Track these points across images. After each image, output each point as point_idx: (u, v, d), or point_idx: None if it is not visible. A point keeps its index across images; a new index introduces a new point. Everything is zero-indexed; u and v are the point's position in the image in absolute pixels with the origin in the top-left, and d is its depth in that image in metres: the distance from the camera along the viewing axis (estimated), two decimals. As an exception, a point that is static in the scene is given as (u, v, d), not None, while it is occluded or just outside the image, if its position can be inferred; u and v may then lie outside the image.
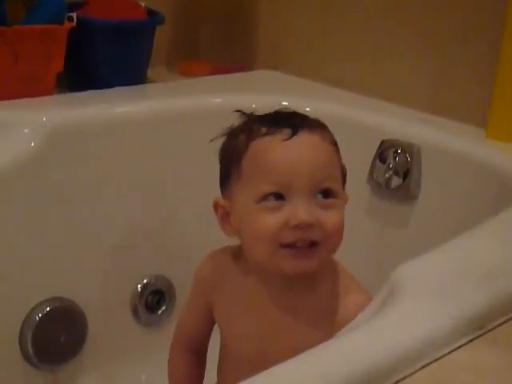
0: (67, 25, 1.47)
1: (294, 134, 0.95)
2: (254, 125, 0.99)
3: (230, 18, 1.84)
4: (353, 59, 1.66)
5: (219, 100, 1.54)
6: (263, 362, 0.71)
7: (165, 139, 1.47)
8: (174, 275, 1.53)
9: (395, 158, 1.38)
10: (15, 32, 1.41)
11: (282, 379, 0.68)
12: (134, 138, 1.44)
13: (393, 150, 1.39)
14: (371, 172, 1.41)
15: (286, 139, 0.95)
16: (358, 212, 1.42)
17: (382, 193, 1.41)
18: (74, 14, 1.48)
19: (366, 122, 1.47)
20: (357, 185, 1.41)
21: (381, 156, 1.40)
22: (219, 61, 1.83)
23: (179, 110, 1.50)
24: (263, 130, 0.97)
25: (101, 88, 1.50)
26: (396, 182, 1.39)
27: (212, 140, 1.02)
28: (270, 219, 0.94)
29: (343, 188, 1.00)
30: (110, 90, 1.51)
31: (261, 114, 1.02)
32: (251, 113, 1.03)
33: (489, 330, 0.79)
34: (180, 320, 1.17)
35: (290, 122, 0.97)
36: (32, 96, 1.43)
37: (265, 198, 0.94)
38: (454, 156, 1.34)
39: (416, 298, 0.81)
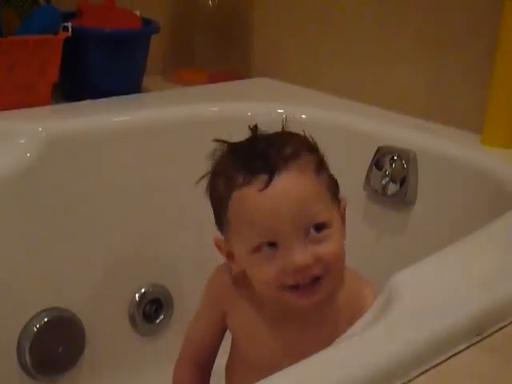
0: (62, 35, 1.47)
1: (269, 181, 0.93)
2: (230, 169, 0.97)
3: (224, 26, 1.84)
4: (348, 66, 1.66)
5: (215, 108, 1.54)
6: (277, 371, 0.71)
7: (161, 148, 1.47)
8: (172, 284, 1.53)
9: (391, 164, 1.38)
10: (10, 42, 1.41)
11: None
12: (131, 148, 1.44)
13: (389, 156, 1.38)
14: (367, 179, 1.41)
15: (263, 189, 0.93)
16: (355, 219, 1.41)
17: (379, 199, 1.41)
18: (69, 24, 1.48)
19: (361, 129, 1.47)
20: (353, 192, 1.42)
21: (377, 163, 1.40)
22: (215, 69, 1.83)
23: (176, 119, 1.50)
24: (239, 178, 0.95)
25: (96, 97, 1.50)
26: (392, 188, 1.38)
27: (198, 181, 1.02)
28: (268, 269, 0.94)
29: (337, 197, 1.00)
30: (106, 99, 1.51)
31: (235, 145, 1.00)
32: (228, 143, 1.01)
33: (487, 336, 0.79)
34: (189, 333, 1.16)
35: (265, 163, 0.94)
36: (28, 106, 1.43)
37: (258, 249, 0.95)
38: (450, 162, 1.34)
39: (413, 305, 0.81)
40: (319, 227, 0.95)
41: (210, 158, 1.02)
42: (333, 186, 1.00)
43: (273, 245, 0.94)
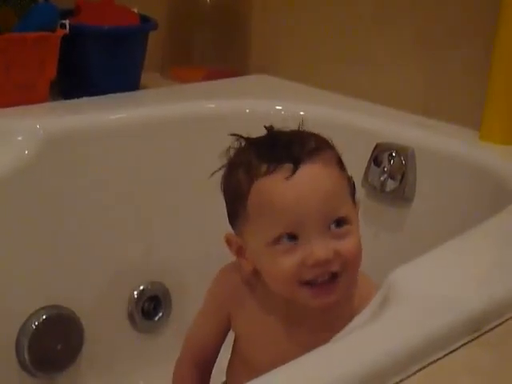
0: (60, 32, 1.46)
1: (295, 169, 0.92)
2: (252, 159, 0.95)
3: (223, 23, 1.84)
4: (346, 63, 1.66)
5: (213, 105, 1.54)
6: None
7: (159, 145, 1.46)
8: (170, 281, 1.52)
9: (390, 161, 1.38)
10: (7, 40, 1.41)
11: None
12: (129, 145, 1.44)
13: (387, 153, 1.38)
14: (366, 175, 1.41)
15: (289, 176, 0.92)
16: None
17: (377, 196, 1.41)
18: (67, 21, 1.47)
19: (360, 126, 1.47)
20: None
21: (375, 159, 1.40)
22: (212, 66, 1.83)
23: (173, 116, 1.50)
24: (263, 167, 0.93)
25: (94, 95, 1.50)
26: (391, 185, 1.38)
27: (212, 174, 1.00)
28: (287, 262, 0.92)
29: (354, 197, 0.99)
30: (104, 96, 1.51)
31: (256, 138, 0.99)
32: (247, 138, 1.00)
33: (484, 333, 0.79)
34: (191, 334, 1.14)
35: (289, 153, 0.93)
36: (25, 104, 1.42)
37: (277, 240, 0.93)
38: (449, 158, 1.34)
39: (411, 302, 0.81)
40: (340, 222, 0.93)
41: (225, 154, 1.00)
42: (352, 185, 0.99)
43: (293, 237, 0.92)
